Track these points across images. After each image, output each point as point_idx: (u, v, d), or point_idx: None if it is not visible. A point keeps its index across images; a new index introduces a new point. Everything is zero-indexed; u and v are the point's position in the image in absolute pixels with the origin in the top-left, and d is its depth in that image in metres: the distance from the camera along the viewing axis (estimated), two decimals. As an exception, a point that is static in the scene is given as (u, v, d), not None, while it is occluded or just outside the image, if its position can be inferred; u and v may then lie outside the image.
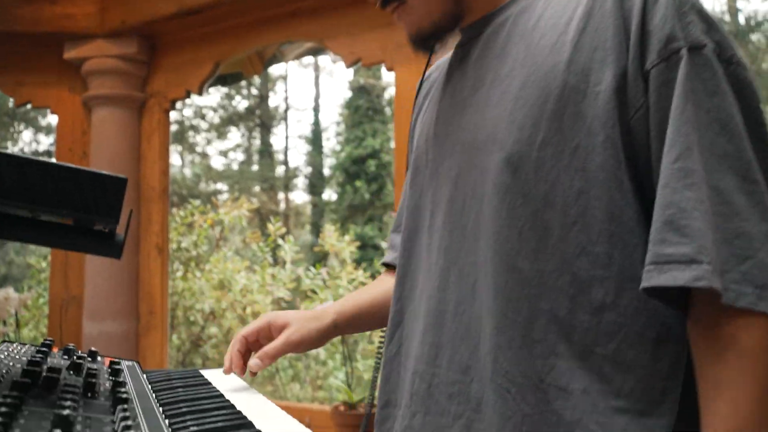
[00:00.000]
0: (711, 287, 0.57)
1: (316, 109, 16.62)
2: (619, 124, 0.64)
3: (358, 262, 5.12)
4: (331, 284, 4.51)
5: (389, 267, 1.01)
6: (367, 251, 10.97)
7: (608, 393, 0.64)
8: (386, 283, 0.98)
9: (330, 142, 16.16)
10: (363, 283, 4.67)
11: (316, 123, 16.42)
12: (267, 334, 0.92)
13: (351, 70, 14.43)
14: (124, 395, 0.63)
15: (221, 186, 15.47)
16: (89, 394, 0.66)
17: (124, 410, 0.58)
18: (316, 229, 13.97)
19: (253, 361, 0.86)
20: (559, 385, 0.66)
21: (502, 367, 0.68)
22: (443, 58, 0.90)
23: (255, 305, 4.15)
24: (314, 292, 4.43)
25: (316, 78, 17.18)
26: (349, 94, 13.77)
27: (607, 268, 0.65)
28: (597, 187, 0.65)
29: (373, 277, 5.09)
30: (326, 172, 15.35)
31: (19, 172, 0.55)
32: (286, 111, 16.80)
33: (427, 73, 0.94)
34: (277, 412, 0.78)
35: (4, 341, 0.94)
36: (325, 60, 16.97)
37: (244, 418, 0.69)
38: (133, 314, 3.00)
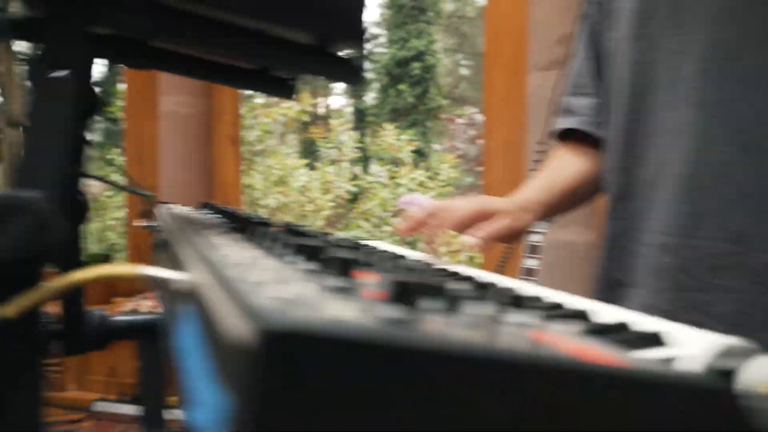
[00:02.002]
0: None
1: (357, 9, 16.07)
2: None
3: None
4: (389, 183, 4.50)
5: (564, 138, 0.92)
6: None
7: None
8: (571, 162, 0.90)
9: (371, 43, 15.73)
10: (422, 183, 4.65)
11: (357, 23, 15.92)
12: (482, 218, 0.85)
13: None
14: (344, 233, 0.61)
15: (260, 90, 15.34)
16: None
17: (365, 244, 0.56)
18: (358, 134, 13.88)
19: (475, 240, 0.80)
20: None
21: None
22: None
23: (317, 201, 4.18)
24: (373, 190, 4.44)
25: (356, -25, 16.52)
26: (391, -8, 13.20)
27: None
28: None
29: (430, 178, 5.04)
30: (368, 75, 15.05)
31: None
32: (325, 11, 16.30)
33: None
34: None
35: (158, 203, 0.93)
36: (365, -44, 16.21)
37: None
38: (209, 205, 3.04)
